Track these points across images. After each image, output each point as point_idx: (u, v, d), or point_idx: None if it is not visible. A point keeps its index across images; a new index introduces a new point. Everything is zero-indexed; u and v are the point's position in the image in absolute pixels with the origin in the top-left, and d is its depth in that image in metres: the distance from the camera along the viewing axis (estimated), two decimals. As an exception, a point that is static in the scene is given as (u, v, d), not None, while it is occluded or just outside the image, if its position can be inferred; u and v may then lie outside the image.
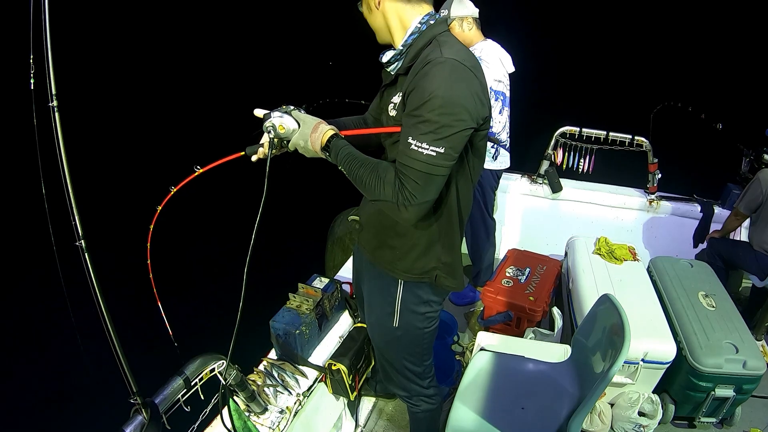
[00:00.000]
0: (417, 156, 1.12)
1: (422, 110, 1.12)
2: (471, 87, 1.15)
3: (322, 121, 1.29)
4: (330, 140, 1.26)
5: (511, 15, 8.86)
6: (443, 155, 1.13)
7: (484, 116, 1.21)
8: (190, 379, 1.37)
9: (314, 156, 1.31)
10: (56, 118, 0.98)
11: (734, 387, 2.11)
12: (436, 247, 1.40)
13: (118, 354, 1.13)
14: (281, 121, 1.25)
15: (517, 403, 1.73)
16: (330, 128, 1.28)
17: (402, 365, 1.64)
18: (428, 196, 1.18)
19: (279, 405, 1.74)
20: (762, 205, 2.67)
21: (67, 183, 1.00)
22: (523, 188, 3.58)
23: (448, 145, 1.12)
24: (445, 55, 1.15)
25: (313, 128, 1.26)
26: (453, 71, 1.13)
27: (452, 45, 1.21)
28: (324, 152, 1.27)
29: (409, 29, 1.26)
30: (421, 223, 1.35)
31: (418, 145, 1.12)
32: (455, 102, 1.11)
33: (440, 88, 1.10)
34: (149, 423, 1.20)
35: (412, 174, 1.14)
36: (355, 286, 1.90)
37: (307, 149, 1.28)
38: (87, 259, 1.05)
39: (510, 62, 2.64)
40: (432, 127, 1.11)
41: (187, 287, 4.45)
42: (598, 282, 2.47)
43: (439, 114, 1.10)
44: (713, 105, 3.64)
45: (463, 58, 1.17)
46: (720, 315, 2.27)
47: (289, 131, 1.26)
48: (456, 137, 1.13)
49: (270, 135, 1.26)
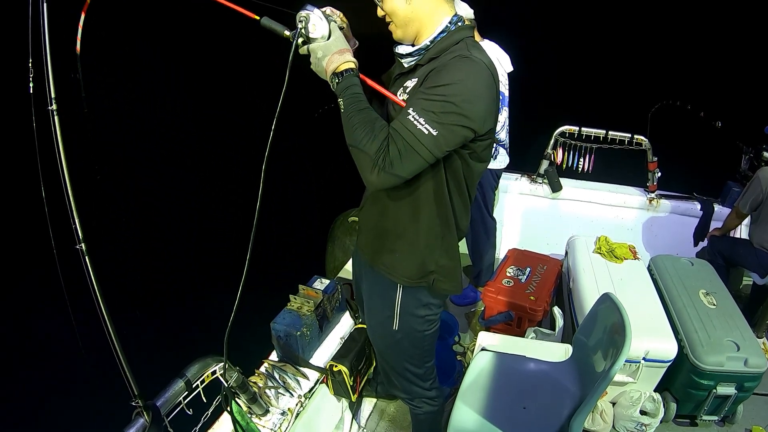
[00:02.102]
0: (410, 126, 1.12)
1: (437, 90, 1.12)
2: (490, 95, 1.17)
3: (350, 50, 1.24)
4: (348, 71, 1.21)
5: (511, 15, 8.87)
6: (434, 138, 1.12)
7: (489, 127, 1.21)
8: (191, 382, 1.37)
9: (320, 74, 1.25)
10: (56, 121, 0.99)
11: (736, 385, 2.11)
12: (435, 251, 1.40)
13: (119, 357, 1.13)
14: (317, 22, 1.18)
15: (519, 402, 1.73)
16: (353, 60, 1.23)
17: (403, 368, 1.64)
18: (403, 172, 1.16)
19: (280, 406, 1.75)
20: (762, 203, 2.67)
21: (66, 186, 1.01)
22: (523, 188, 3.58)
23: (442, 131, 1.12)
24: (476, 57, 1.17)
25: (340, 50, 1.21)
26: (481, 74, 1.16)
27: (482, 51, 1.23)
28: (334, 77, 1.21)
29: (439, 27, 1.25)
30: (418, 226, 1.36)
31: (416, 117, 1.12)
32: (471, 99, 1.13)
33: (464, 81, 1.12)
34: (151, 426, 1.20)
35: (400, 142, 1.13)
36: (355, 288, 1.90)
37: (320, 64, 1.22)
38: (87, 262, 1.06)
39: (508, 62, 2.64)
40: (436, 107, 1.11)
41: (188, 288, 4.45)
42: (599, 281, 2.47)
43: (451, 100, 1.11)
44: (712, 103, 3.65)
45: (492, 67, 1.20)
46: (721, 313, 2.27)
47: (317, 35, 1.20)
48: (454, 129, 1.14)
49: (300, 24, 1.19)
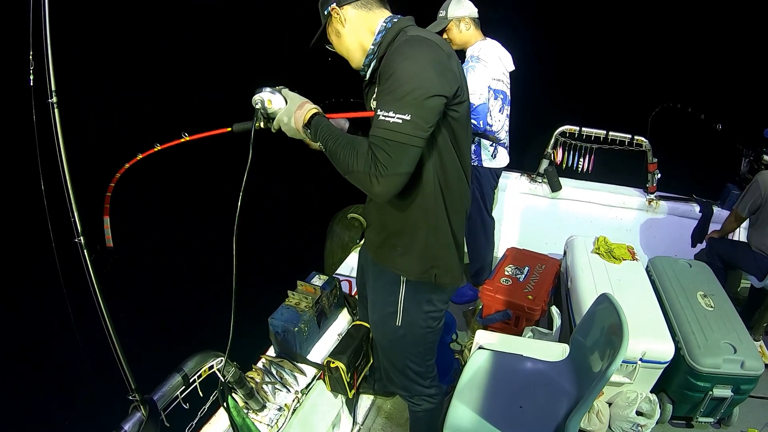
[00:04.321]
0: (385, 125, 1.14)
1: (389, 81, 1.15)
2: (432, 55, 1.18)
3: (308, 101, 1.33)
4: (312, 117, 1.29)
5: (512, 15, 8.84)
6: (410, 122, 1.13)
7: (454, 86, 1.21)
8: (188, 376, 1.37)
9: (295, 135, 1.34)
10: (56, 114, 0.98)
11: (732, 387, 2.12)
12: (432, 246, 1.41)
13: (116, 351, 1.13)
14: (270, 97, 1.30)
15: (516, 401, 1.74)
16: (314, 107, 1.32)
17: (404, 365, 1.64)
18: (400, 168, 1.17)
19: (277, 402, 1.75)
20: (761, 207, 2.67)
21: (66, 179, 1.00)
22: (523, 187, 3.58)
23: (414, 111, 1.13)
24: (412, 35, 1.22)
25: (299, 106, 1.30)
26: (412, 44, 1.19)
27: (418, 29, 1.26)
28: (305, 129, 1.30)
29: (376, 30, 1.31)
30: (413, 221, 1.37)
31: (385, 114, 1.14)
32: (415, 70, 1.14)
33: (401, 61, 1.15)
34: (148, 420, 1.20)
35: (382, 144, 1.15)
36: (359, 284, 1.90)
37: (290, 126, 1.31)
38: (86, 256, 1.06)
39: (510, 61, 2.64)
40: (396, 95, 1.14)
41: (186, 283, 4.45)
42: (597, 281, 2.47)
43: (404, 82, 1.13)
44: (713, 105, 3.64)
45: (426, 34, 1.23)
46: (718, 315, 2.27)
47: (276, 108, 1.31)
48: (422, 104, 1.14)
49: (257, 106, 1.30)
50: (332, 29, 1.36)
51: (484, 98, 2.46)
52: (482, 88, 2.45)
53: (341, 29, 1.33)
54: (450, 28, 2.55)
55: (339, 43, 1.37)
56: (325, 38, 1.40)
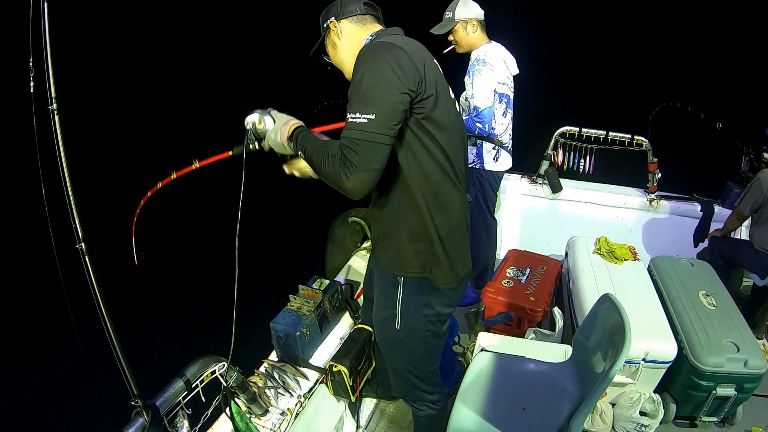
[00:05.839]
0: (351, 126, 1.19)
1: (353, 85, 1.22)
2: (391, 55, 1.21)
3: (293, 118, 1.40)
4: (295, 129, 1.36)
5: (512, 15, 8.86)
6: (375, 121, 1.17)
7: (415, 80, 1.22)
8: (191, 381, 1.37)
9: (282, 150, 1.40)
10: (56, 121, 0.99)
11: (735, 386, 2.11)
12: (417, 243, 1.41)
13: (118, 356, 1.13)
14: (260, 118, 1.39)
15: (518, 403, 1.73)
16: (299, 122, 1.39)
17: (405, 369, 1.64)
18: (368, 165, 1.20)
19: (280, 407, 1.75)
20: (763, 205, 2.67)
21: (67, 186, 1.01)
22: (523, 188, 3.58)
23: (377, 110, 1.17)
24: (374, 42, 1.28)
25: (285, 122, 1.37)
26: (371, 49, 1.23)
27: (392, 37, 1.30)
28: (289, 142, 1.36)
29: (363, 43, 1.38)
30: (398, 222, 1.41)
31: (351, 116, 1.19)
32: (374, 71, 1.19)
33: (362, 65, 1.21)
34: (150, 425, 1.20)
35: (351, 144, 1.19)
36: (366, 286, 1.90)
37: (277, 141, 1.37)
38: (87, 262, 1.06)
39: (514, 64, 2.63)
40: (359, 96, 1.19)
41: (188, 288, 4.46)
42: (599, 282, 2.47)
43: (365, 83, 1.18)
44: (713, 104, 3.64)
45: (392, 39, 1.27)
46: (721, 314, 2.27)
47: (265, 127, 1.39)
48: (384, 103, 1.18)
49: (248, 127, 1.39)
50: (329, 41, 1.45)
51: (490, 102, 2.44)
52: (488, 91, 2.44)
53: (337, 41, 1.42)
54: (457, 30, 2.54)
55: (335, 54, 1.46)
56: (323, 49, 1.49)
